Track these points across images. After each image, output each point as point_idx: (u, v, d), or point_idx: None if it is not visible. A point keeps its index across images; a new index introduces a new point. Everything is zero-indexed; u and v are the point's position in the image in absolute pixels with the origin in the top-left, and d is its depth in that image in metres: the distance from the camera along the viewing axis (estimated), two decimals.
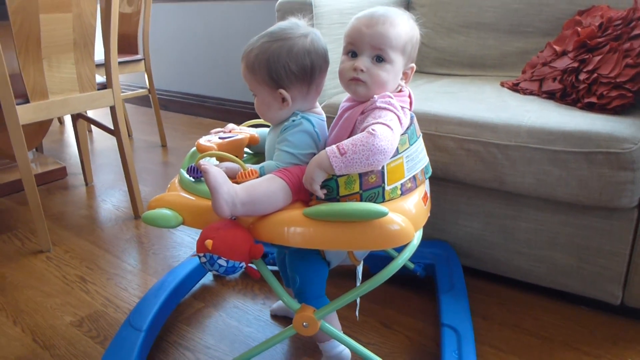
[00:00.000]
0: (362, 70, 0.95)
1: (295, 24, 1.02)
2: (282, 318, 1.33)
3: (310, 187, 0.91)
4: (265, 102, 1.02)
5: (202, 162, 0.92)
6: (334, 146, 0.88)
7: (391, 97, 0.94)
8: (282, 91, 0.99)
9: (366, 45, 0.96)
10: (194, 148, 1.11)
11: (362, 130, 0.90)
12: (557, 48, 1.47)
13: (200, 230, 0.93)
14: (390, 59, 0.96)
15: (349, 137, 0.91)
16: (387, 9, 0.98)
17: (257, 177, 0.95)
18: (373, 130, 0.87)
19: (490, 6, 1.80)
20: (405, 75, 1.01)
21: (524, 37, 1.75)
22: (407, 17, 1.00)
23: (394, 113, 0.92)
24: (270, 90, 1.00)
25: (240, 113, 3.33)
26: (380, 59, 0.96)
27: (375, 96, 0.94)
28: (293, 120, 0.99)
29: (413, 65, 1.02)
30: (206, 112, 3.58)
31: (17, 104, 1.58)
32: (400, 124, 0.93)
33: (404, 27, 0.97)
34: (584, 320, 1.30)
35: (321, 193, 0.91)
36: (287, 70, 0.97)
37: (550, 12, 1.69)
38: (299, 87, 1.00)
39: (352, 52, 0.98)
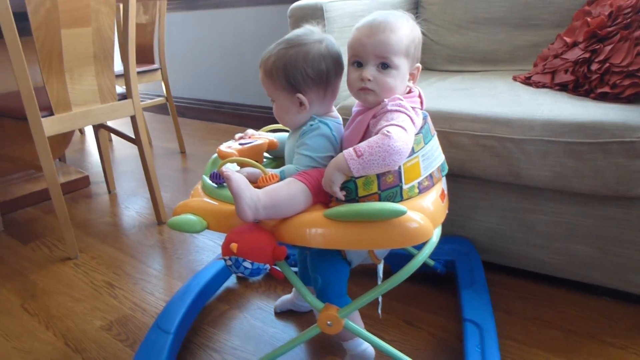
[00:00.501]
0: (369, 80, 0.98)
1: (310, 30, 1.05)
2: (304, 316, 1.36)
3: (329, 189, 0.93)
4: (284, 107, 1.05)
5: (224, 168, 0.95)
6: (351, 149, 0.90)
7: (401, 99, 0.97)
8: (300, 95, 1.02)
9: (370, 55, 0.98)
10: (215, 155, 1.14)
11: (376, 133, 0.92)
12: (568, 39, 1.48)
13: (224, 235, 0.96)
14: (395, 64, 0.98)
15: (360, 141, 0.94)
16: (386, 14, 1.00)
17: (278, 181, 0.98)
18: (388, 132, 0.89)
19: (498, 1, 1.81)
20: (412, 76, 1.03)
21: (534, 30, 1.76)
22: (407, 18, 1.01)
23: (406, 114, 0.94)
24: (288, 95, 1.03)
25: (256, 117, 3.36)
26: (385, 66, 0.98)
27: (385, 100, 0.97)
28: (311, 125, 1.02)
29: (419, 65, 1.04)
30: (222, 118, 3.62)
31: (42, 117, 1.63)
32: (413, 123, 0.95)
33: (405, 31, 0.98)
34: (608, 311, 1.30)
35: (341, 194, 0.93)
36: (304, 75, 1.01)
37: (559, 4, 1.70)
38: (315, 91, 1.03)
39: (357, 62, 1.00)
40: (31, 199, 2.28)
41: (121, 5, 1.83)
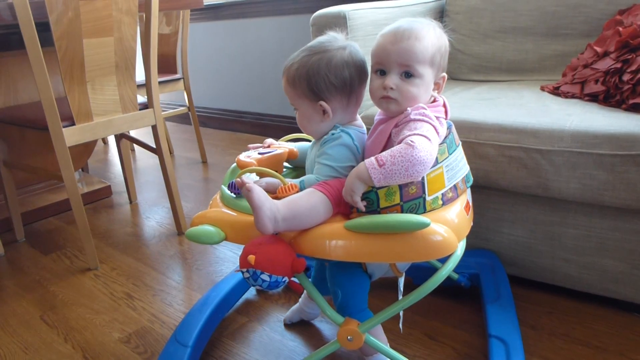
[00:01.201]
0: (391, 88, 0.95)
1: (334, 37, 1.03)
2: (325, 330, 1.33)
3: (350, 200, 0.91)
4: (307, 115, 1.03)
5: (243, 178, 0.93)
6: (372, 158, 0.88)
7: (425, 108, 0.94)
8: (323, 103, 1.00)
9: (393, 63, 0.95)
10: (234, 164, 1.12)
11: (399, 143, 0.89)
12: (598, 49, 1.44)
13: (242, 246, 0.94)
14: (419, 73, 0.95)
15: (382, 151, 0.92)
16: (412, 22, 0.98)
17: (297, 192, 0.96)
18: (411, 141, 0.87)
19: (526, 10, 1.77)
20: (437, 86, 1.00)
21: (563, 40, 1.71)
22: (433, 26, 0.99)
23: (430, 124, 0.92)
24: (310, 103, 1.01)
25: (277, 127, 3.36)
26: (408, 74, 0.95)
27: (408, 109, 0.94)
28: (332, 134, 1.00)
29: (444, 74, 1.01)
30: (244, 127, 3.63)
31: (64, 127, 1.64)
32: (437, 133, 0.92)
33: (431, 39, 0.96)
34: (638, 328, 1.25)
35: (362, 205, 0.91)
36: (326, 82, 0.99)
37: (589, 13, 1.66)
38: (339, 98, 1.00)
39: (380, 70, 0.98)
40: (53, 209, 2.29)
41: (144, 15, 1.83)
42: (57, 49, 1.56)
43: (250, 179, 1.03)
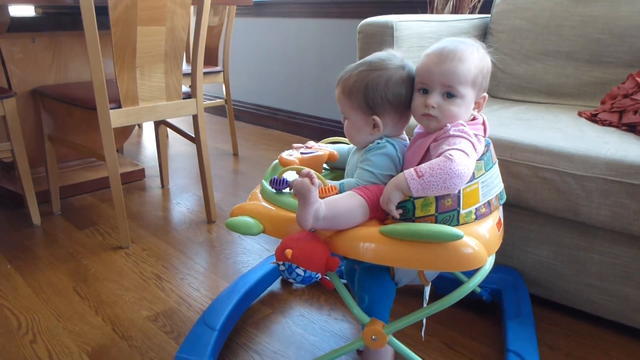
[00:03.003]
0: (433, 107, 0.99)
1: (393, 55, 1.06)
2: (345, 328, 1.37)
3: (386, 207, 0.94)
4: (357, 126, 1.07)
5: (284, 175, 0.97)
6: (412, 169, 0.92)
7: (464, 125, 0.97)
8: (376, 117, 1.04)
9: (436, 83, 0.99)
10: (276, 161, 1.17)
11: (437, 156, 0.93)
12: None
13: (272, 240, 0.98)
14: (461, 94, 0.98)
15: (419, 163, 0.96)
16: (457, 43, 1.01)
17: (337, 193, 1.00)
18: (450, 155, 0.90)
19: (570, 35, 1.79)
20: (477, 105, 1.04)
21: (604, 68, 1.73)
22: (477, 47, 1.01)
23: (468, 140, 0.95)
24: (363, 116, 1.05)
25: (310, 127, 3.40)
26: (450, 94, 0.99)
27: (448, 125, 0.98)
28: (378, 143, 1.04)
29: (485, 94, 1.04)
30: (276, 124, 3.68)
31: (111, 109, 1.70)
32: (475, 150, 0.95)
33: (474, 61, 0.99)
34: None
35: (396, 213, 0.94)
36: (383, 99, 1.02)
37: (634, 44, 1.67)
38: (392, 114, 1.04)
39: (423, 89, 1.02)
40: (89, 186, 2.37)
41: (195, 8, 1.89)
42: (112, 34, 1.62)
43: (291, 177, 1.08)
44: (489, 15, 2.04)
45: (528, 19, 1.89)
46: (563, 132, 1.37)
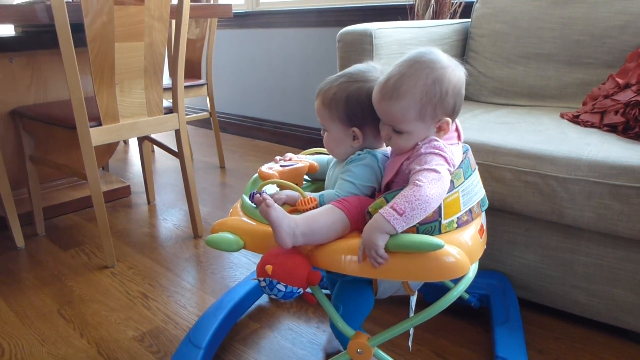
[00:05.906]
0: (388, 139, 0.99)
1: (373, 67, 1.06)
2: (332, 339, 1.35)
3: (374, 254, 0.88)
4: (337, 138, 1.06)
5: (263, 193, 0.95)
6: (388, 208, 0.87)
7: (437, 140, 0.95)
8: (356, 129, 1.03)
9: (383, 118, 0.99)
10: (256, 175, 1.15)
11: (409, 174, 0.92)
12: (620, 80, 1.45)
13: (258, 254, 0.96)
14: (406, 130, 0.96)
15: (392, 179, 0.96)
16: (404, 69, 0.95)
17: (316, 205, 0.99)
18: (418, 181, 0.88)
19: (550, 37, 1.79)
20: (439, 129, 0.97)
21: (585, 69, 1.73)
22: (429, 72, 0.94)
23: (440, 155, 0.93)
24: (343, 128, 1.04)
25: (296, 137, 3.39)
26: (396, 131, 0.97)
27: (419, 142, 0.96)
28: (359, 154, 1.03)
29: (447, 119, 0.97)
30: (263, 135, 3.66)
31: (91, 127, 1.68)
32: (448, 163, 0.93)
33: (416, 95, 0.93)
34: None
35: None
36: (364, 111, 1.02)
37: (613, 44, 1.67)
38: (372, 127, 1.03)
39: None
40: (73, 206, 2.34)
41: (174, 22, 1.88)
42: (89, 51, 1.61)
43: (271, 190, 1.07)
44: (470, 20, 2.04)
45: (508, 22, 1.89)
46: (545, 135, 1.37)
